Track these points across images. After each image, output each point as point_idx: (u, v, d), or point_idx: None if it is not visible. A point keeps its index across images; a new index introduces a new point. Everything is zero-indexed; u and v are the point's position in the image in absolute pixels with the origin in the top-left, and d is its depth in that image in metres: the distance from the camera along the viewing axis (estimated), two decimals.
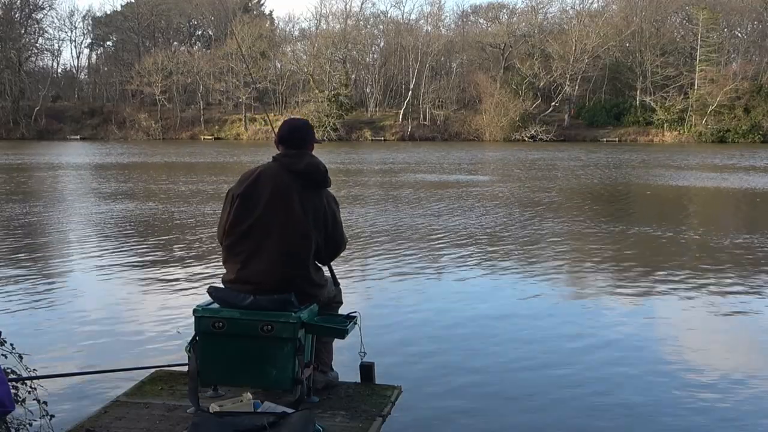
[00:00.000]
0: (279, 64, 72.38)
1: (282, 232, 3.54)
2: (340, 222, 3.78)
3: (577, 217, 14.30)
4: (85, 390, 4.75)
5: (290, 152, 3.69)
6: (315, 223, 3.60)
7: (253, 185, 3.61)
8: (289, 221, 3.55)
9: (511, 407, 4.64)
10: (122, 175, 25.12)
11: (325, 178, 3.69)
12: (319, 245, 3.65)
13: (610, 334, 6.24)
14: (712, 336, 6.37)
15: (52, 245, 10.99)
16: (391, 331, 6.18)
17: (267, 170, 3.66)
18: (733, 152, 43.66)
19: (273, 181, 3.60)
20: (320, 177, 3.67)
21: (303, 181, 3.61)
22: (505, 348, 5.83)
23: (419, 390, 4.76)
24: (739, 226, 13.86)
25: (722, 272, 8.92)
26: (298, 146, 3.71)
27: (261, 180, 3.62)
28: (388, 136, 65.88)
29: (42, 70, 77.01)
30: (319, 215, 3.61)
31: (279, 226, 3.55)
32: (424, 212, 14.70)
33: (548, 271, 8.97)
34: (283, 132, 3.76)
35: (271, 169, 3.66)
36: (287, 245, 3.54)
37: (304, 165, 3.62)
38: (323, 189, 3.70)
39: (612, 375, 5.19)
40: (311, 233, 3.59)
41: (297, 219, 3.55)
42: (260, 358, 3.41)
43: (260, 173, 3.65)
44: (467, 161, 34.90)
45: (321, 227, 3.63)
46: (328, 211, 3.67)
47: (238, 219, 3.59)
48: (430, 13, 79.40)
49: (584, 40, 66.32)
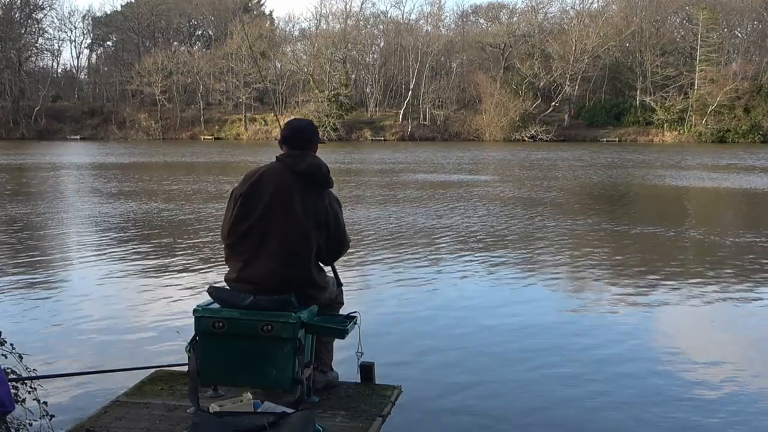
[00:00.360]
0: (279, 64, 72.40)
1: (283, 232, 3.55)
2: (343, 223, 3.78)
3: (579, 216, 14.29)
4: (85, 390, 4.75)
5: (293, 153, 3.70)
6: (316, 224, 3.61)
7: (255, 185, 3.63)
8: (290, 221, 3.56)
9: (512, 407, 4.64)
10: (122, 175, 25.12)
11: (327, 178, 3.69)
12: (320, 246, 3.65)
13: (612, 334, 6.24)
14: (713, 336, 6.37)
15: (52, 245, 10.99)
16: (391, 331, 6.18)
17: (270, 170, 3.68)
18: (733, 152, 43.65)
19: (275, 181, 3.61)
20: (322, 177, 3.67)
21: (305, 181, 3.62)
22: (506, 348, 5.83)
23: (419, 390, 4.76)
24: (741, 226, 13.86)
25: (724, 272, 8.91)
26: (301, 147, 3.72)
27: (263, 180, 3.63)
28: (388, 136, 65.89)
29: (42, 70, 77.04)
30: (320, 216, 3.62)
31: (280, 227, 3.56)
32: (425, 212, 14.70)
33: (549, 270, 8.97)
34: (286, 132, 3.78)
35: (273, 169, 3.68)
36: (288, 245, 3.55)
37: (306, 165, 3.63)
38: (325, 189, 3.71)
39: (613, 375, 5.19)
40: (312, 233, 3.59)
41: (298, 219, 3.56)
42: (260, 358, 3.41)
43: (263, 173, 3.67)
44: (468, 161, 34.89)
45: (323, 228, 3.64)
46: (330, 212, 3.67)
47: (240, 218, 3.61)
48: (430, 13, 79.50)
49: (584, 40, 66.32)
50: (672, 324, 6.68)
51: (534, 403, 4.69)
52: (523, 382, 5.07)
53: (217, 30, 78.14)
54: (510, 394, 4.86)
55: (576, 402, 4.70)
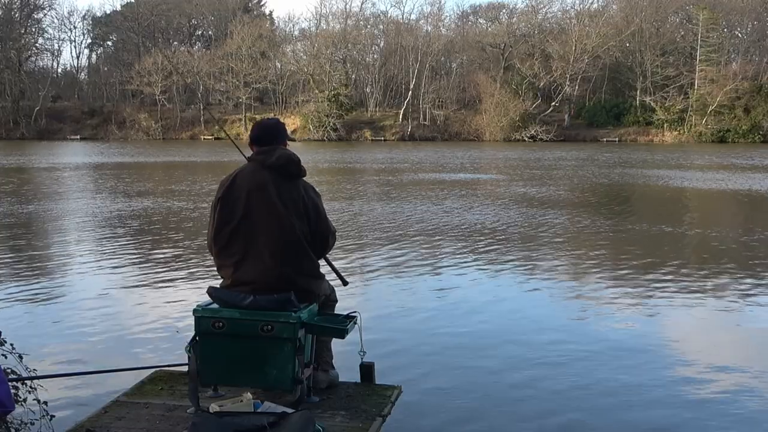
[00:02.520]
0: (279, 64, 72.41)
1: (268, 228, 3.57)
2: (324, 212, 3.79)
3: (580, 216, 14.29)
4: (85, 390, 4.75)
5: (263, 149, 3.74)
6: (297, 214, 3.62)
7: (231, 187, 3.67)
8: (272, 216, 3.58)
9: (512, 407, 4.63)
10: (122, 175, 25.11)
11: (298, 168, 3.72)
12: (305, 236, 3.66)
13: (613, 335, 6.24)
14: (714, 336, 6.37)
15: (52, 245, 10.98)
16: (391, 331, 6.18)
17: (243, 171, 3.73)
18: (733, 152, 43.65)
19: (249, 179, 3.65)
20: (294, 168, 3.70)
21: (277, 174, 3.64)
22: (506, 348, 5.83)
23: (419, 390, 4.76)
24: (742, 226, 13.85)
25: (724, 272, 8.91)
26: (269, 143, 3.76)
27: (238, 181, 3.67)
28: (388, 136, 65.90)
29: (42, 70, 77.06)
30: (298, 206, 3.64)
31: (264, 223, 3.58)
32: (425, 211, 14.70)
33: (550, 270, 8.97)
34: (254, 132, 3.84)
35: (246, 169, 3.72)
36: (275, 240, 3.57)
37: (275, 158, 3.66)
38: (298, 179, 3.73)
39: (614, 375, 5.19)
40: (295, 224, 3.60)
41: (278, 213, 3.58)
42: (260, 358, 3.41)
43: (237, 175, 3.72)
44: (468, 161, 34.89)
45: (303, 218, 3.65)
46: (308, 202, 3.68)
47: (222, 222, 3.63)
48: (430, 13, 79.58)
49: (584, 40, 66.32)
50: (673, 323, 6.68)
51: (534, 402, 4.69)
52: (524, 382, 5.06)
53: (217, 30, 78.15)
54: (510, 394, 4.86)
55: (577, 402, 4.70)
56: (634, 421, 4.41)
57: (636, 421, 4.41)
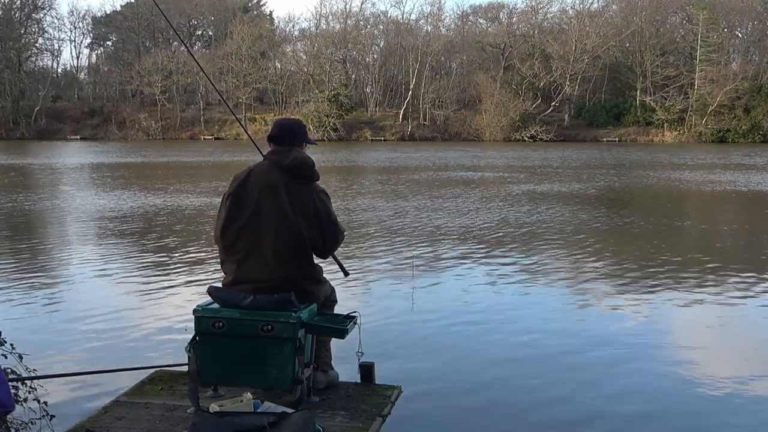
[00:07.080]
0: (279, 64, 72.38)
1: (274, 228, 3.58)
2: (334, 213, 3.80)
3: (581, 216, 14.29)
4: (85, 390, 4.74)
5: (279, 149, 3.74)
6: (306, 217, 3.63)
7: (243, 184, 3.67)
8: (280, 217, 3.58)
9: (512, 407, 4.63)
10: (123, 175, 25.11)
11: (312, 171, 3.73)
12: (312, 239, 3.66)
13: (614, 335, 6.23)
14: (715, 336, 6.37)
15: (52, 245, 10.98)
16: (391, 331, 6.17)
17: (257, 168, 3.73)
18: (733, 152, 43.65)
19: (262, 178, 3.66)
20: (307, 171, 3.71)
21: (290, 175, 3.65)
22: (506, 348, 5.82)
23: (419, 390, 4.76)
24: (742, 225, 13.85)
25: (725, 272, 8.91)
26: (286, 143, 3.77)
27: (251, 178, 3.68)
28: (388, 136, 65.88)
29: (42, 70, 77.01)
30: (308, 209, 3.64)
31: (272, 223, 3.58)
32: (425, 210, 14.70)
33: (551, 270, 8.97)
34: (273, 131, 3.84)
35: (260, 167, 3.73)
36: (280, 241, 3.57)
37: (290, 160, 3.67)
38: (311, 183, 3.73)
39: (615, 375, 5.19)
40: (302, 227, 3.61)
41: (287, 215, 3.59)
42: (260, 358, 3.41)
43: (250, 171, 3.72)
44: (468, 161, 34.88)
45: (312, 220, 3.65)
46: (319, 204, 3.69)
47: (231, 218, 3.64)
48: (430, 13, 79.54)
49: (584, 40, 66.33)
50: (674, 324, 6.68)
51: (535, 402, 4.69)
52: (524, 381, 5.06)
53: (216, 30, 78.11)
54: (511, 394, 4.86)
55: (577, 402, 4.69)
56: (637, 422, 4.41)
57: (639, 422, 4.41)
